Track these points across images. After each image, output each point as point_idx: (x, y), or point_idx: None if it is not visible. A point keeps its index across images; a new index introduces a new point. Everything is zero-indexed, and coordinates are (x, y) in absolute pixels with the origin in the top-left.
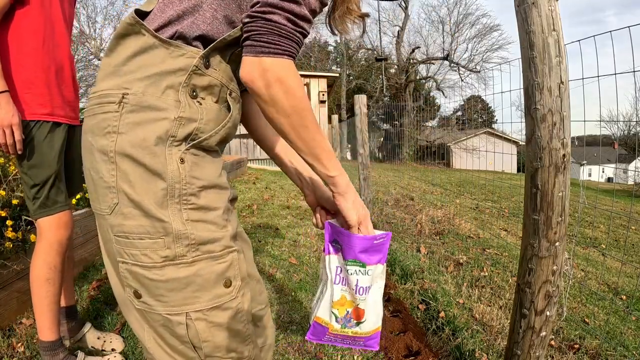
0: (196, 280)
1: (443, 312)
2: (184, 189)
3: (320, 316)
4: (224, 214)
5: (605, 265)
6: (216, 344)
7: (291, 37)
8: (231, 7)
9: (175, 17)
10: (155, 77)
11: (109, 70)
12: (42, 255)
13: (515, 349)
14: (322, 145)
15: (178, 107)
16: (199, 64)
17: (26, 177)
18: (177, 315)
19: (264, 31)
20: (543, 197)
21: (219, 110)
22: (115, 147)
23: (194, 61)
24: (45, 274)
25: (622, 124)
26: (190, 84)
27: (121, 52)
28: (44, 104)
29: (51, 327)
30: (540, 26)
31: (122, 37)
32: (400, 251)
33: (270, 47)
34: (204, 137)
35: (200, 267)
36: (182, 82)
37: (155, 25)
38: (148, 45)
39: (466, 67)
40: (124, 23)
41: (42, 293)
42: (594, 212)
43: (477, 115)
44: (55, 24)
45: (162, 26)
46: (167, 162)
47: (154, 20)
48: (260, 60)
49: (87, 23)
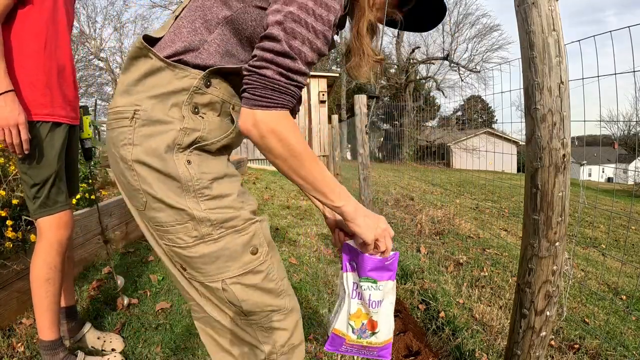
0: (225, 252)
1: (443, 312)
2: (196, 185)
3: (338, 328)
4: (238, 197)
5: (605, 265)
6: (253, 302)
7: (284, 91)
8: (232, 42)
9: (181, 50)
10: (163, 97)
11: (123, 88)
12: (42, 255)
13: (515, 349)
14: (323, 181)
15: (182, 121)
16: (199, 84)
17: (26, 176)
18: (215, 282)
19: (258, 85)
20: (543, 197)
21: (221, 122)
22: (132, 156)
23: (195, 82)
24: (45, 273)
25: (622, 124)
26: (192, 102)
27: (134, 72)
28: (45, 104)
29: (51, 327)
30: (540, 26)
31: (134, 59)
32: (400, 251)
33: (262, 101)
34: (206, 143)
35: (226, 241)
36: (184, 100)
37: (164, 54)
38: (156, 67)
39: (466, 67)
40: (135, 47)
41: (42, 293)
42: (594, 212)
43: (477, 115)
44: (58, 23)
45: (170, 56)
46: (176, 165)
47: (164, 48)
48: (254, 112)
49: (87, 23)
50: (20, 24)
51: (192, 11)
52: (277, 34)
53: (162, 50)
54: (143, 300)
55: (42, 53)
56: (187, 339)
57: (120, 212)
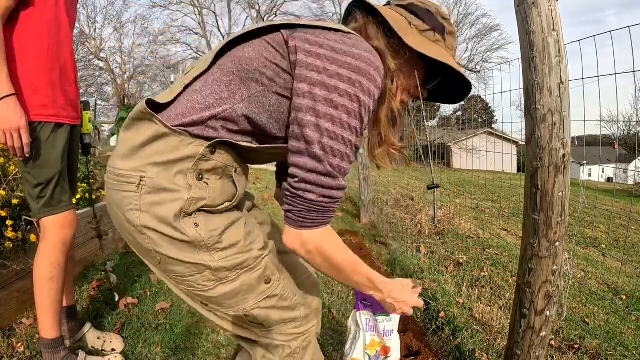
0: (243, 288)
1: (443, 312)
2: (208, 243)
3: (356, 357)
4: (246, 240)
5: (605, 265)
6: (272, 319)
7: (327, 210)
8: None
9: (191, 122)
10: (168, 164)
11: (127, 151)
12: (46, 255)
13: (515, 349)
14: (364, 285)
15: (189, 190)
16: (205, 152)
17: (29, 176)
18: (237, 312)
19: (303, 208)
20: (543, 197)
21: (223, 186)
22: (140, 222)
23: (201, 149)
24: (49, 272)
25: (622, 124)
26: (197, 169)
27: (136, 135)
28: (47, 105)
29: (53, 325)
30: (540, 26)
31: (137, 120)
32: (400, 251)
33: (308, 223)
34: (211, 208)
35: (242, 280)
36: (190, 167)
37: (173, 124)
38: (161, 133)
39: (466, 67)
40: (138, 110)
41: (45, 291)
42: (594, 212)
43: (477, 115)
44: (60, 24)
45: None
46: (186, 230)
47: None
48: (300, 233)
49: (87, 23)
50: (23, 25)
51: (208, 85)
52: (319, 154)
53: (170, 120)
54: (143, 300)
55: (44, 54)
56: (187, 339)
57: None
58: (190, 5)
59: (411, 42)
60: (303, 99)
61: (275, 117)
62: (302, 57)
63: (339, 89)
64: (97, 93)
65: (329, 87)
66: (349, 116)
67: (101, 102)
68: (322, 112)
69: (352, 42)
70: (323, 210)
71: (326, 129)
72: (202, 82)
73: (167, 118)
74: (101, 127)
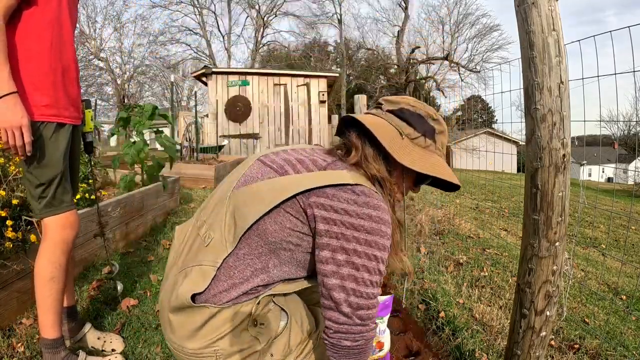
0: None
1: (443, 312)
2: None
3: None
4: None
5: (605, 265)
6: None
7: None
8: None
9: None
10: (232, 331)
11: (189, 333)
12: (47, 255)
13: (515, 349)
14: None
15: (257, 343)
16: (255, 308)
17: (31, 176)
18: None
19: (343, 353)
20: (543, 197)
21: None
22: None
23: (251, 307)
24: (50, 272)
25: (622, 124)
26: (252, 320)
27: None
28: (50, 105)
29: (54, 325)
30: (540, 26)
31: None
32: None
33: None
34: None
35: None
36: (248, 322)
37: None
38: (214, 312)
39: (466, 67)
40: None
41: (46, 291)
42: (594, 212)
43: (477, 115)
44: (62, 24)
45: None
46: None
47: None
48: None
49: (87, 23)
50: (25, 25)
51: (240, 260)
52: (347, 311)
53: (217, 299)
54: (143, 300)
55: (47, 53)
56: None
57: (120, 212)
58: (190, 5)
59: (404, 159)
60: (326, 264)
61: (306, 268)
62: (321, 227)
63: (357, 252)
64: (97, 93)
65: (349, 250)
66: (370, 274)
67: (101, 102)
68: (346, 274)
69: (362, 200)
70: (359, 351)
71: (351, 289)
72: (234, 258)
73: (213, 299)
74: (101, 127)
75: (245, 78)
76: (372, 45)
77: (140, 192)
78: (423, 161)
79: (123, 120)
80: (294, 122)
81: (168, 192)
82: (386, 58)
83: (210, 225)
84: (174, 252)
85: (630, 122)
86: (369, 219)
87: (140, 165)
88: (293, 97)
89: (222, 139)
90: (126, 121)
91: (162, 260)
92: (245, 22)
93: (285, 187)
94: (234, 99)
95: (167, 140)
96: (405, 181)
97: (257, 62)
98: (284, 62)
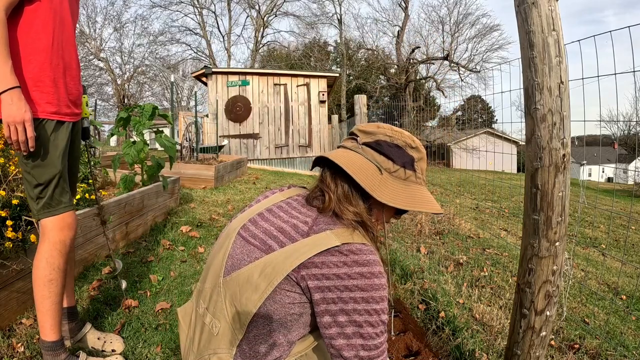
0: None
1: (443, 312)
2: None
3: None
4: None
5: (605, 265)
6: None
7: None
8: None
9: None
10: None
11: None
12: (45, 256)
13: (515, 349)
14: None
15: None
16: None
17: (29, 176)
18: None
19: None
20: (543, 197)
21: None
22: None
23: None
24: (49, 274)
25: (622, 124)
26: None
27: None
28: (51, 102)
29: (53, 327)
30: (540, 26)
31: None
32: (400, 251)
33: None
34: None
35: None
36: None
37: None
38: None
39: (466, 67)
40: None
41: (45, 293)
42: (594, 212)
43: (477, 115)
44: (64, 21)
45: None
46: None
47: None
48: None
49: (87, 23)
50: (28, 21)
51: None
52: None
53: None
54: (143, 300)
55: (49, 50)
56: None
57: (121, 212)
58: (190, 5)
59: (384, 197)
60: (330, 329)
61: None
62: (317, 296)
63: (357, 310)
64: (97, 93)
65: (348, 311)
66: (374, 327)
67: (101, 102)
68: (350, 333)
69: (351, 259)
70: None
71: (359, 345)
72: (246, 341)
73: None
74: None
75: (245, 78)
76: (372, 45)
77: (140, 192)
78: (404, 195)
79: (123, 120)
80: (294, 122)
81: (168, 192)
82: (386, 58)
83: (213, 314)
84: (185, 336)
85: (630, 122)
86: (362, 277)
87: (140, 165)
88: (293, 97)
89: (222, 139)
90: (126, 121)
91: (162, 260)
92: (245, 22)
93: (275, 269)
94: (233, 99)
95: (167, 140)
96: (385, 213)
97: (257, 62)
98: (284, 62)
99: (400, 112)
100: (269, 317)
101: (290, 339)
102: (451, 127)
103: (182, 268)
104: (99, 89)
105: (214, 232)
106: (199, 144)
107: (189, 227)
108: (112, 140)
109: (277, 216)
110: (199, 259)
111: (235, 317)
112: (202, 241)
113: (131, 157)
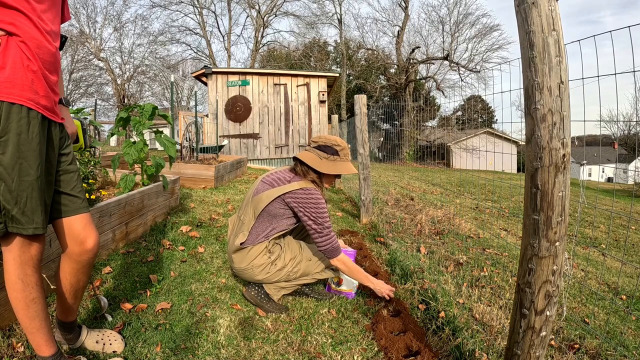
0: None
1: (443, 312)
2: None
3: (329, 282)
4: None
5: (605, 265)
6: None
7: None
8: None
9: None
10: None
11: (240, 259)
12: (20, 276)
13: (515, 349)
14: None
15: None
16: (267, 244)
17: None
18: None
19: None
20: (543, 197)
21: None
22: None
23: (266, 244)
24: (29, 294)
25: (622, 124)
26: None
27: (241, 253)
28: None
29: (48, 342)
30: (540, 26)
31: (239, 249)
32: (400, 251)
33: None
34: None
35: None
36: (264, 251)
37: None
38: (249, 249)
39: (466, 67)
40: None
41: (31, 313)
42: (594, 212)
43: (477, 115)
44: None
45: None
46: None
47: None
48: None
49: (87, 23)
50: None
51: (257, 226)
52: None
53: (251, 242)
54: (143, 300)
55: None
56: (187, 339)
57: (121, 212)
58: (190, 5)
59: (323, 169)
60: (307, 221)
61: (288, 223)
62: (295, 207)
63: (316, 212)
64: (97, 93)
65: (312, 214)
66: (322, 218)
67: (101, 102)
68: (313, 218)
69: (307, 193)
70: (333, 248)
71: (319, 223)
72: (255, 225)
73: (247, 243)
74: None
75: (245, 78)
76: (372, 45)
77: (140, 192)
78: (333, 168)
79: (123, 120)
80: (294, 122)
81: (168, 192)
82: (386, 58)
83: (244, 214)
84: (232, 227)
85: (630, 122)
86: (314, 200)
87: (140, 165)
88: (293, 97)
89: (222, 139)
90: (126, 121)
91: (162, 260)
92: (245, 22)
93: (274, 194)
94: (233, 99)
95: (167, 140)
96: (327, 178)
97: (257, 62)
98: (284, 62)
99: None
100: (268, 212)
101: (275, 227)
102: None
103: (182, 268)
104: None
105: (214, 232)
106: (199, 144)
107: (189, 227)
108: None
109: (277, 175)
110: (199, 258)
111: (253, 214)
112: (202, 241)
113: (131, 157)
